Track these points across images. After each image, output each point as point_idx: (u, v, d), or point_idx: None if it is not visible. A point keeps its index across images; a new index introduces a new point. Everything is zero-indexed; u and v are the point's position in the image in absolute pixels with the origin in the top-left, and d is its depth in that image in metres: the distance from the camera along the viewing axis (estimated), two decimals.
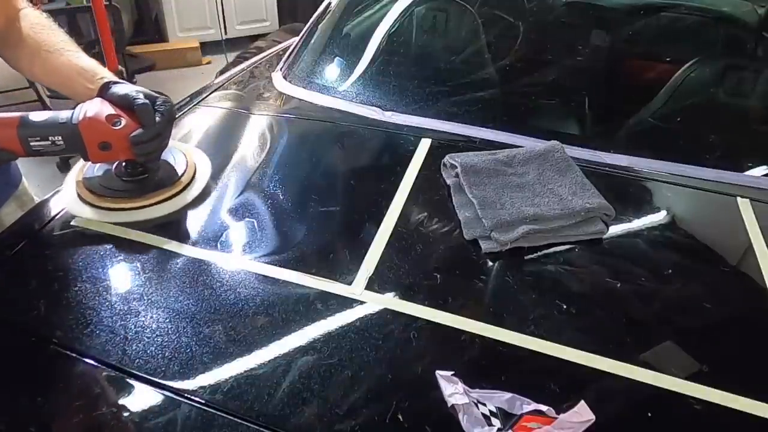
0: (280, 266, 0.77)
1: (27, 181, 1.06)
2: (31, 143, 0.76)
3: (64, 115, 0.77)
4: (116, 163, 0.88)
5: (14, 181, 1.02)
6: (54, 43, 0.87)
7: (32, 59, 0.87)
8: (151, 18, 4.30)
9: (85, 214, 0.85)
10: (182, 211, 0.87)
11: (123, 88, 0.81)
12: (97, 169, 0.89)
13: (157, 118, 0.79)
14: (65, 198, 0.88)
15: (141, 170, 0.87)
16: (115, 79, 0.84)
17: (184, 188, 0.89)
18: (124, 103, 0.79)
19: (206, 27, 4.26)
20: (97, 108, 0.78)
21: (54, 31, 0.90)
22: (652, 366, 0.65)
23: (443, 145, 1.05)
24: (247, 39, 4.15)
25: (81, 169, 0.90)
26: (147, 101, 0.79)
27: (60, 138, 0.76)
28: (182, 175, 0.91)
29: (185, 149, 0.98)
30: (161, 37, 4.29)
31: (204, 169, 0.95)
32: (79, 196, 0.87)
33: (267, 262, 0.78)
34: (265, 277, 0.76)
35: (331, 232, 0.86)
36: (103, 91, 0.81)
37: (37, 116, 0.77)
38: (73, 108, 0.79)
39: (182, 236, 0.83)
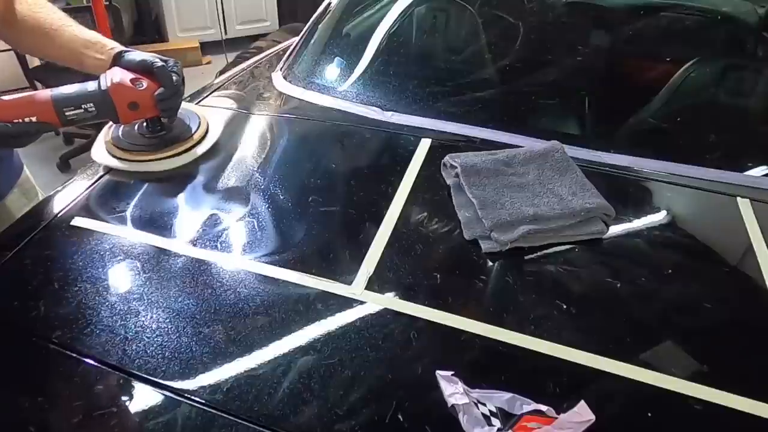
0: (280, 266, 0.77)
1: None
2: (66, 113, 0.84)
3: (90, 85, 0.86)
4: (137, 124, 0.99)
5: (17, 169, 1.06)
6: (56, 19, 0.94)
7: (36, 38, 0.94)
8: (151, 18, 4.30)
9: (115, 165, 0.97)
10: (196, 162, 0.99)
11: (137, 55, 0.90)
12: (121, 131, 1.01)
13: (174, 78, 0.90)
14: (97, 154, 0.99)
15: (160, 127, 0.99)
16: (123, 47, 0.92)
17: (197, 143, 1.01)
18: (141, 68, 0.89)
19: (206, 27, 4.26)
20: (120, 74, 0.88)
21: (51, 9, 0.96)
22: (653, 366, 0.65)
23: (443, 145, 1.05)
24: (247, 39, 4.15)
25: (107, 131, 1.02)
26: (163, 63, 0.90)
27: (92, 105, 0.86)
28: (196, 131, 1.03)
29: (197, 109, 1.09)
30: (161, 37, 4.29)
31: (215, 126, 1.06)
32: (108, 152, 0.98)
33: (267, 262, 0.78)
34: (265, 277, 0.76)
35: (331, 232, 0.86)
36: (117, 60, 0.91)
37: (67, 89, 0.86)
38: (96, 80, 0.87)
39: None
